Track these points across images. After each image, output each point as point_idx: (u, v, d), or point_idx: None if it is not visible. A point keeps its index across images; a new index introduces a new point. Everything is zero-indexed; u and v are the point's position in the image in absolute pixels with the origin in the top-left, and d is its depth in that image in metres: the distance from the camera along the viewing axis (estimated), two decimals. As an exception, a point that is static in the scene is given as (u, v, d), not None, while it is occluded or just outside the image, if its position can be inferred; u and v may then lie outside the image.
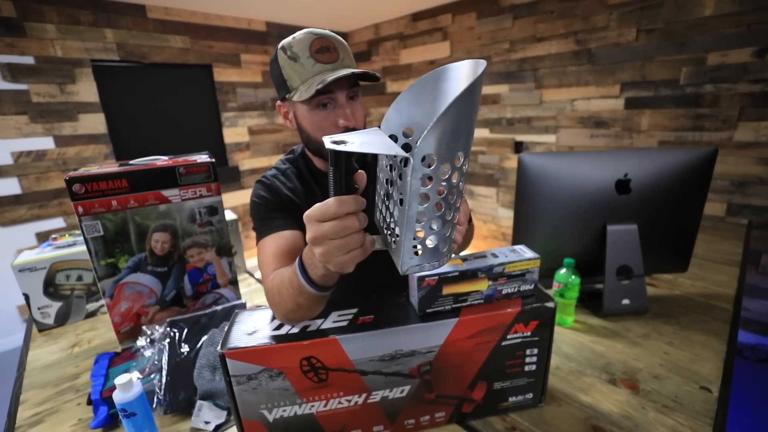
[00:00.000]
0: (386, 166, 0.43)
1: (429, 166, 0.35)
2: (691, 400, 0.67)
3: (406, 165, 0.35)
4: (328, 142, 0.39)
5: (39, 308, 1.05)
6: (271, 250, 0.71)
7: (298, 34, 0.70)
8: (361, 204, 0.42)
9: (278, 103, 0.78)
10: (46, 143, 2.51)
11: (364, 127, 0.77)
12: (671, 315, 0.94)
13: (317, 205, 0.42)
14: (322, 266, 0.47)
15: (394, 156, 0.37)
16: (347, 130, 0.71)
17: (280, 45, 0.72)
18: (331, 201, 0.41)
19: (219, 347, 0.53)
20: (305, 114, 0.73)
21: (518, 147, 3.06)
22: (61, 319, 1.08)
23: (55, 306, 1.07)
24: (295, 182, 0.82)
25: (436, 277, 0.57)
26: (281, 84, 0.72)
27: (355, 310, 0.60)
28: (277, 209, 0.77)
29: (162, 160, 0.91)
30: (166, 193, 0.86)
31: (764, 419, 1.66)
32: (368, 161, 0.86)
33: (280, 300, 0.57)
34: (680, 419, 0.63)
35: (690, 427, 0.62)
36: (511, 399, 0.65)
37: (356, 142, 0.38)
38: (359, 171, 0.43)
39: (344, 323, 0.57)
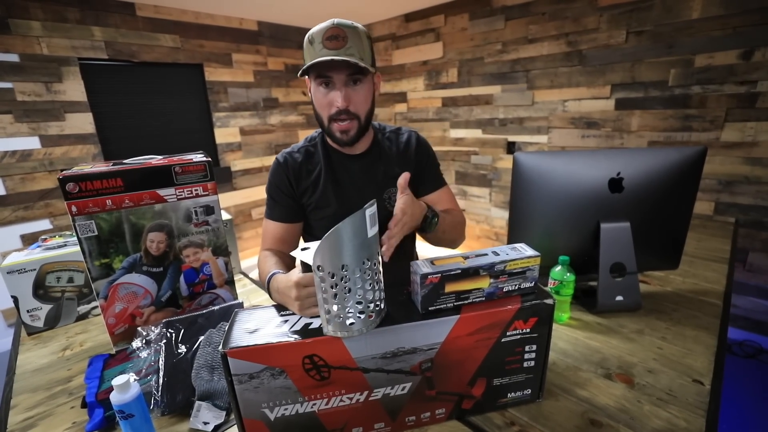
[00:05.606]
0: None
1: (319, 270, 0.51)
2: (684, 393, 0.69)
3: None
4: (298, 250, 0.61)
5: (28, 311, 1.02)
6: (267, 231, 1.00)
7: (323, 23, 0.81)
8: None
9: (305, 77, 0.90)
10: (32, 143, 2.46)
11: (371, 111, 0.91)
12: (663, 311, 0.96)
13: (307, 279, 0.59)
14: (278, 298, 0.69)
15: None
16: (340, 111, 0.84)
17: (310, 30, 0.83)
18: (310, 277, 0.59)
19: (220, 346, 0.53)
20: (313, 90, 0.88)
21: (510, 147, 3.09)
22: (52, 321, 1.06)
23: (45, 308, 1.04)
24: (307, 159, 0.98)
25: (439, 275, 0.57)
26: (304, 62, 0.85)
27: (356, 308, 0.60)
28: (276, 192, 0.98)
29: (156, 160, 0.90)
30: (161, 192, 0.85)
31: (754, 413, 1.71)
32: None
33: (260, 272, 0.89)
34: (674, 411, 0.65)
35: (684, 419, 0.63)
36: (510, 395, 0.66)
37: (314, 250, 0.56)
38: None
39: (346, 321, 0.57)
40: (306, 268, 0.60)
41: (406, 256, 1.10)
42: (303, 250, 0.60)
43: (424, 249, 1.19)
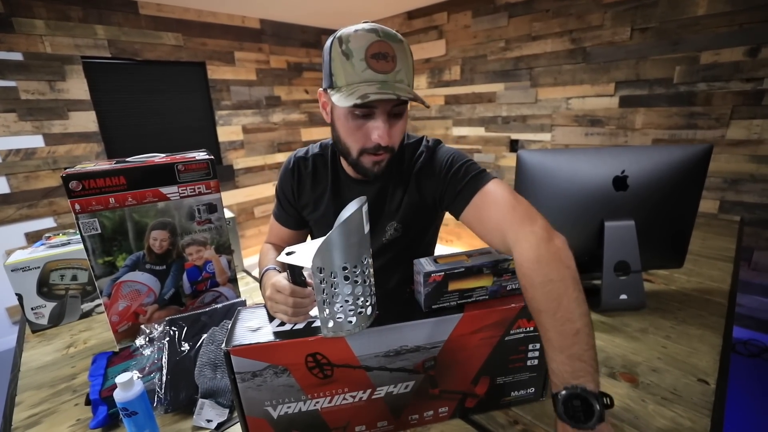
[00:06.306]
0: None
1: (320, 272, 0.51)
2: (689, 392, 0.68)
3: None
4: (283, 254, 0.58)
5: (32, 309, 1.03)
6: (273, 229, 1.00)
7: (360, 28, 0.64)
8: (299, 294, 0.59)
9: (320, 90, 0.73)
10: (36, 141, 2.47)
11: (402, 146, 0.82)
12: (668, 310, 0.95)
13: (282, 285, 0.60)
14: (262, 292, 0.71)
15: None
16: (380, 147, 0.70)
17: (338, 33, 0.66)
18: (286, 286, 0.59)
19: (223, 344, 0.53)
20: (341, 116, 0.70)
21: (513, 145, 3.08)
22: (56, 319, 1.06)
23: (49, 306, 1.05)
24: (316, 171, 0.90)
25: (442, 274, 0.57)
26: (327, 74, 0.68)
27: (359, 307, 0.60)
28: (283, 197, 0.95)
29: (159, 158, 0.90)
30: (164, 190, 0.85)
31: (759, 413, 1.69)
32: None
33: (260, 264, 0.89)
34: (679, 411, 0.64)
35: (689, 419, 0.63)
36: (514, 393, 0.66)
37: (300, 254, 0.58)
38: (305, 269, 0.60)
39: (349, 319, 0.57)
40: (292, 271, 0.59)
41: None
42: (288, 254, 0.58)
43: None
